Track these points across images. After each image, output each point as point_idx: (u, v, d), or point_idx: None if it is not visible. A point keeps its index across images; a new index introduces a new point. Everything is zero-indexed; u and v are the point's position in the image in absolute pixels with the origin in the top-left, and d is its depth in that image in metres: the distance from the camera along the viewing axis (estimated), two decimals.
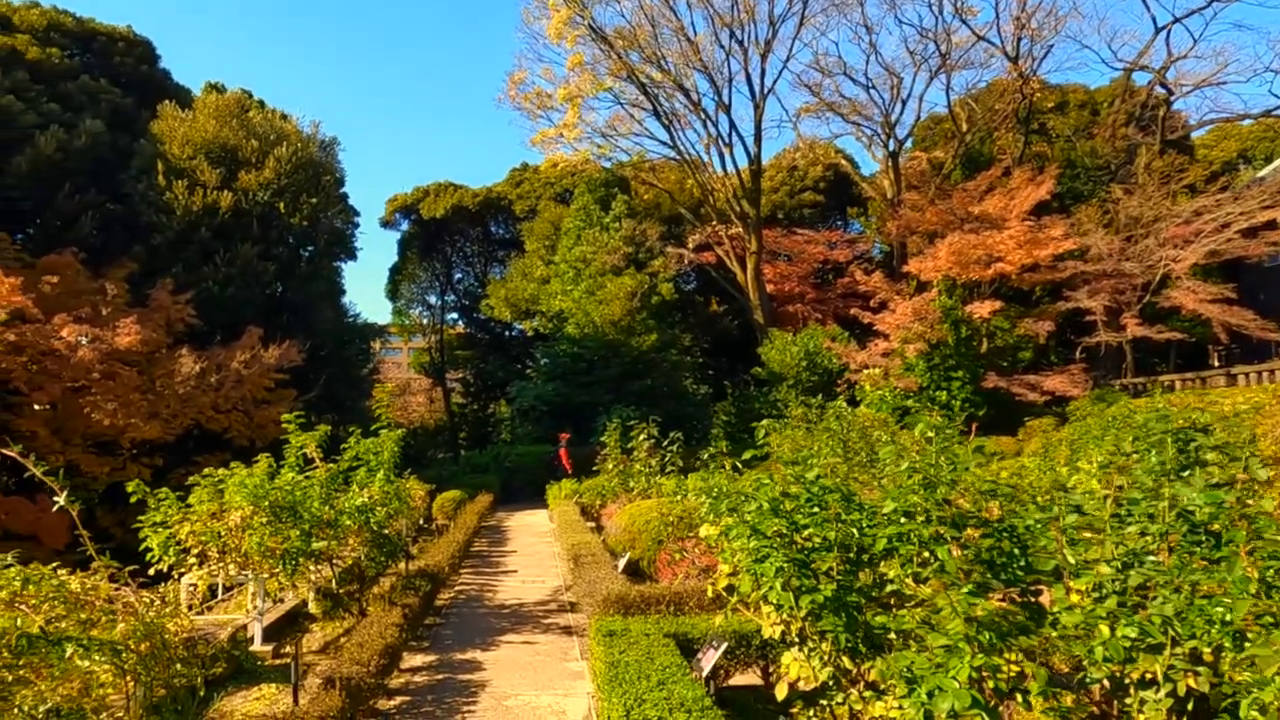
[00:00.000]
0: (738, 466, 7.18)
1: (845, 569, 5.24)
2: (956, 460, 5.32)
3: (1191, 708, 4.44)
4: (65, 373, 20.06)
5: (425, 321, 54.80)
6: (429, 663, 9.25)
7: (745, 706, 6.83)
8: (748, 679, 7.53)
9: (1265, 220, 28.96)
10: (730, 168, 39.55)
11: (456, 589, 13.69)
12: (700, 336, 43.58)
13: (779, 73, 59.03)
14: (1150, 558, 4.29)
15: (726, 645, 6.62)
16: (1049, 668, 4.39)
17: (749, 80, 38.10)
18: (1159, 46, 36.21)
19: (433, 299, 54.17)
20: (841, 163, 46.11)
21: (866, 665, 5.10)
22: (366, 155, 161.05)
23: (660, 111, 38.44)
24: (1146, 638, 3.86)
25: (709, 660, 6.42)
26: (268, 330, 25.39)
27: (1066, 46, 43.88)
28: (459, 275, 54.66)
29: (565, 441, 26.80)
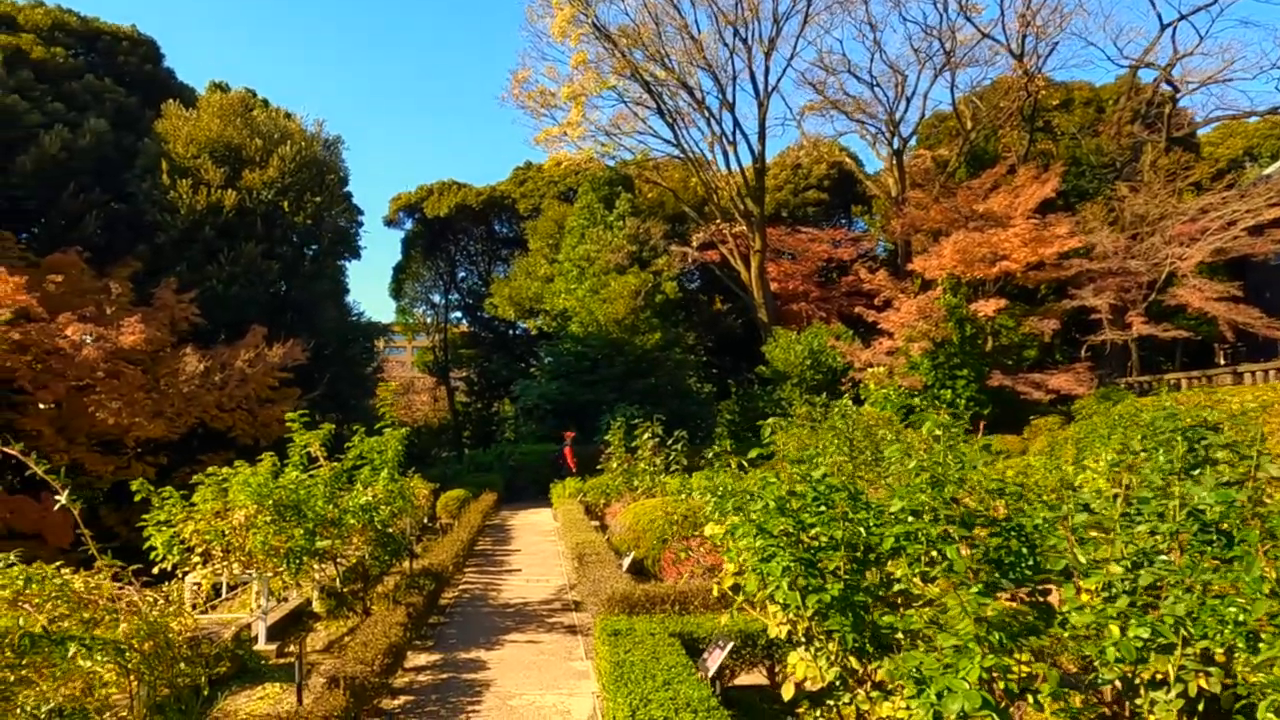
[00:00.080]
0: (743, 465, 7.14)
1: (852, 568, 5.20)
2: (964, 459, 5.28)
3: (1202, 708, 4.40)
4: (70, 371, 20.08)
5: (429, 320, 54.82)
6: (433, 662, 9.23)
7: (751, 706, 6.79)
8: (753, 678, 7.49)
9: (1271, 218, 28.83)
10: (734, 166, 39.55)
11: (461, 588, 13.67)
12: (704, 335, 43.55)
13: (783, 71, 59.12)
14: (1161, 557, 4.25)
15: (732, 645, 6.58)
16: (1057, 668, 4.34)
17: (753, 78, 38.11)
18: (1165, 43, 36.13)
19: (437, 298, 54.23)
20: (846, 161, 46.01)
21: (874, 665, 5.06)
22: (370, 154, 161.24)
23: (664, 110, 38.41)
24: (1158, 638, 3.81)
25: (715, 660, 6.38)
26: (272, 329, 25.39)
27: (1072, 44, 43.87)
28: (463, 274, 54.68)
29: (570, 440, 26.77)
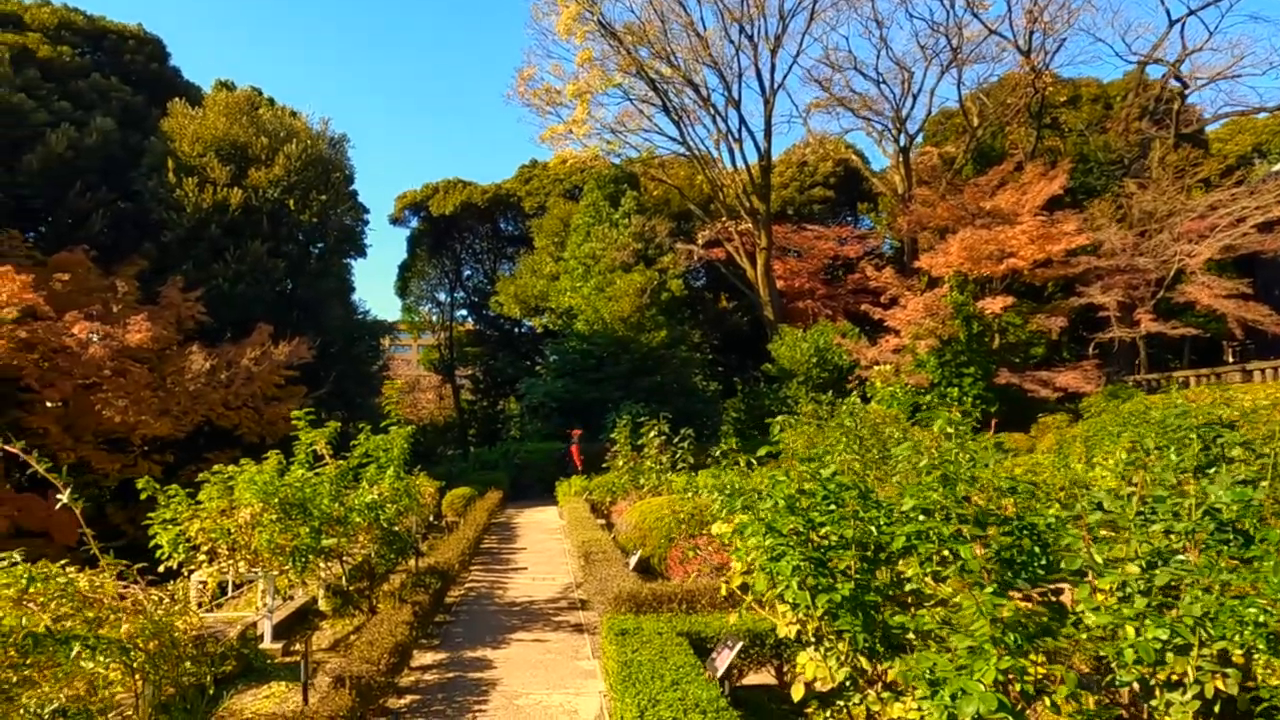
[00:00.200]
0: (751, 463, 7.09)
1: (862, 567, 5.14)
2: (976, 457, 5.22)
3: (1219, 710, 4.34)
4: (76, 370, 20.12)
5: (435, 318, 54.87)
6: (439, 661, 9.19)
7: (760, 706, 6.73)
8: (762, 678, 7.44)
9: None
10: (740, 163, 39.40)
11: (466, 586, 13.64)
12: (710, 333, 43.46)
13: (789, 68, 58.68)
14: (1178, 557, 4.18)
15: (741, 645, 6.52)
16: (1071, 669, 4.28)
17: (759, 75, 37.97)
18: (1173, 39, 35.93)
19: (442, 296, 54.27)
20: (851, 158, 45.88)
21: (885, 666, 5.00)
22: (376, 152, 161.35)
23: (669, 107, 38.30)
24: (1175, 638, 3.75)
25: (724, 660, 6.32)
26: (278, 327, 25.42)
27: (1079, 40, 43.74)
28: (468, 272, 54.69)
29: (577, 438, 26.75)
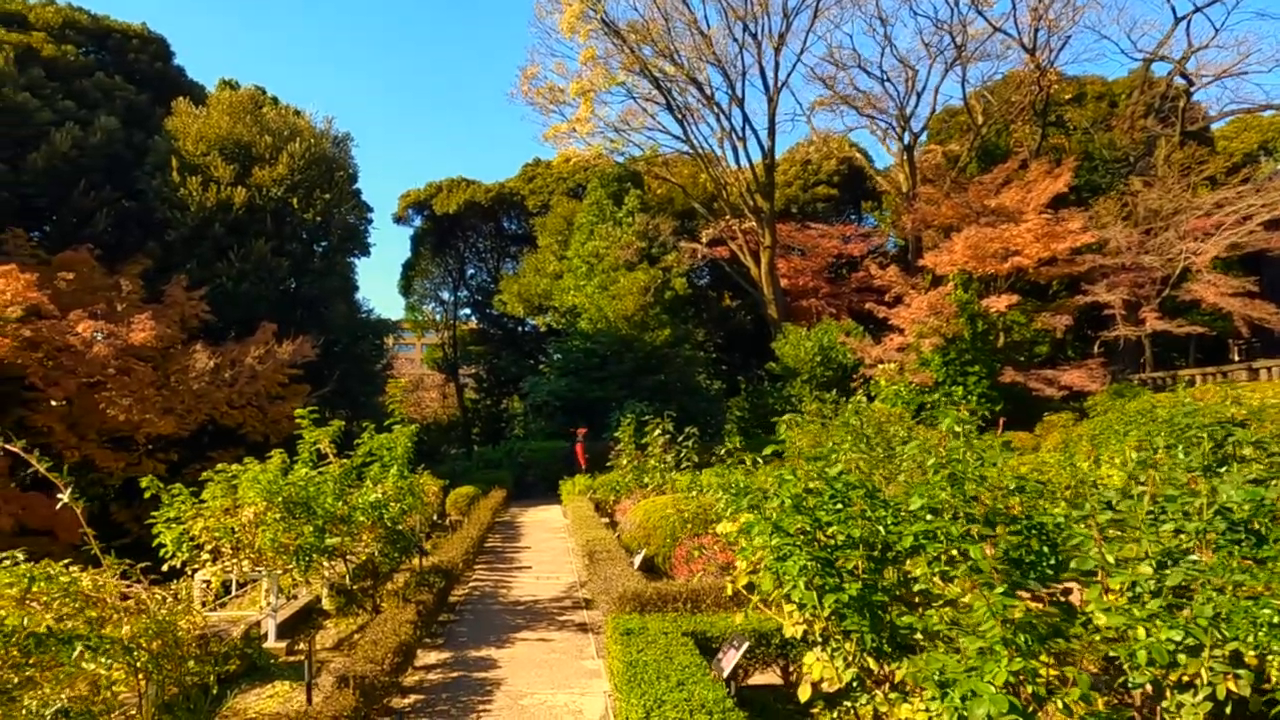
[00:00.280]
0: (757, 462, 7.04)
1: (870, 567, 5.10)
2: (984, 456, 5.17)
3: (1230, 711, 4.29)
4: (80, 368, 20.13)
5: (438, 317, 54.86)
6: (443, 660, 9.17)
7: (765, 706, 6.69)
8: (767, 678, 7.40)
9: None
10: (744, 162, 39.36)
11: (471, 585, 13.62)
12: (713, 331, 43.39)
13: (792, 66, 58.46)
14: (1191, 557, 4.13)
15: (747, 645, 6.48)
16: (1082, 670, 4.23)
17: (762, 74, 37.92)
18: (1179, 36, 35.81)
19: (446, 295, 54.25)
20: (855, 156, 45.78)
21: (892, 666, 4.96)
22: (379, 151, 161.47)
23: (673, 105, 38.25)
24: (1188, 639, 3.70)
25: (730, 660, 6.28)
26: (281, 326, 25.41)
27: (1084, 37, 43.51)
28: (472, 271, 54.67)
29: (582, 437, 26.74)
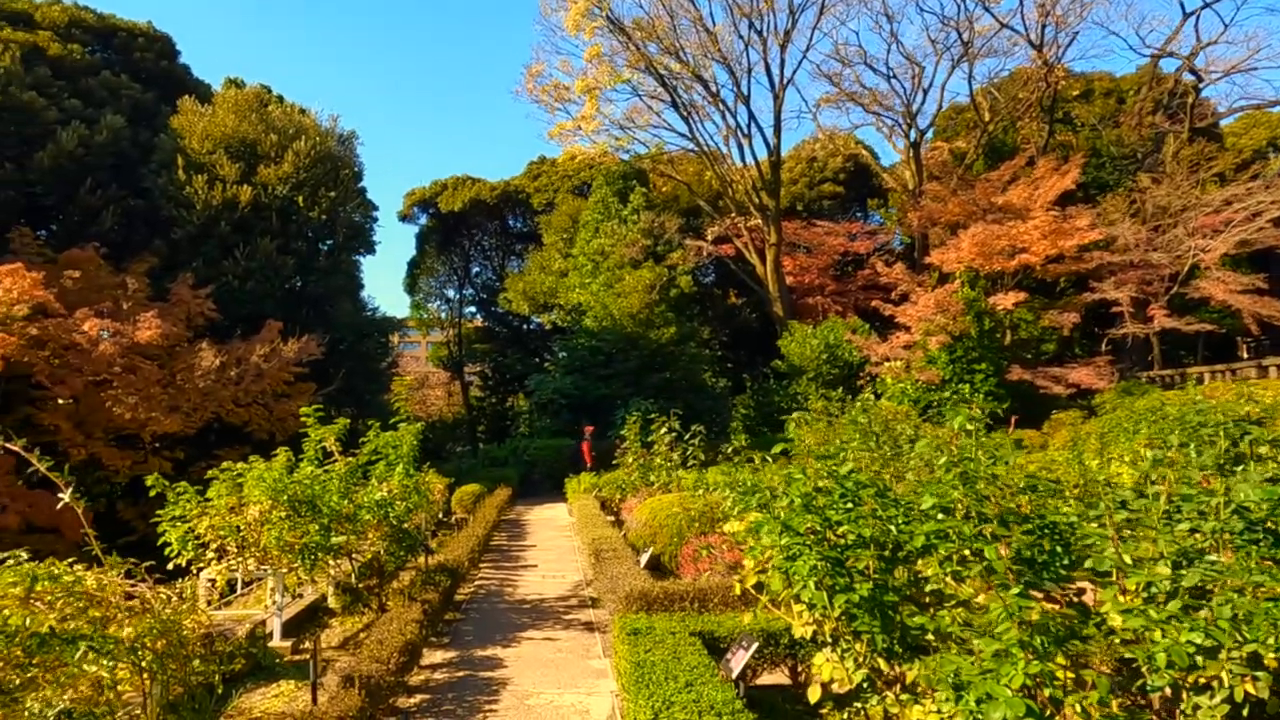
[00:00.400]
0: (766, 460, 6.98)
1: (880, 567, 5.04)
2: (996, 455, 5.10)
3: (1247, 714, 4.23)
4: (87, 366, 20.17)
5: (443, 315, 54.86)
6: (449, 659, 9.13)
7: (774, 707, 6.64)
8: (776, 678, 7.35)
9: None
10: (749, 159, 39.27)
11: (476, 583, 13.58)
12: (719, 329, 43.32)
13: (798, 63, 58.78)
14: (1210, 557, 4.05)
15: (756, 645, 6.43)
16: (1101, 673, 4.17)
17: (768, 71, 37.80)
18: (1188, 32, 35.64)
19: (451, 293, 54.31)
20: (862, 153, 45.65)
21: (903, 667, 4.90)
22: (385, 150, 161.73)
23: (678, 103, 38.15)
24: (1208, 641, 3.62)
25: (739, 661, 6.23)
26: (287, 324, 25.43)
27: (1092, 33, 43.05)
28: (477, 269, 54.69)
29: (589, 434, 26.73)
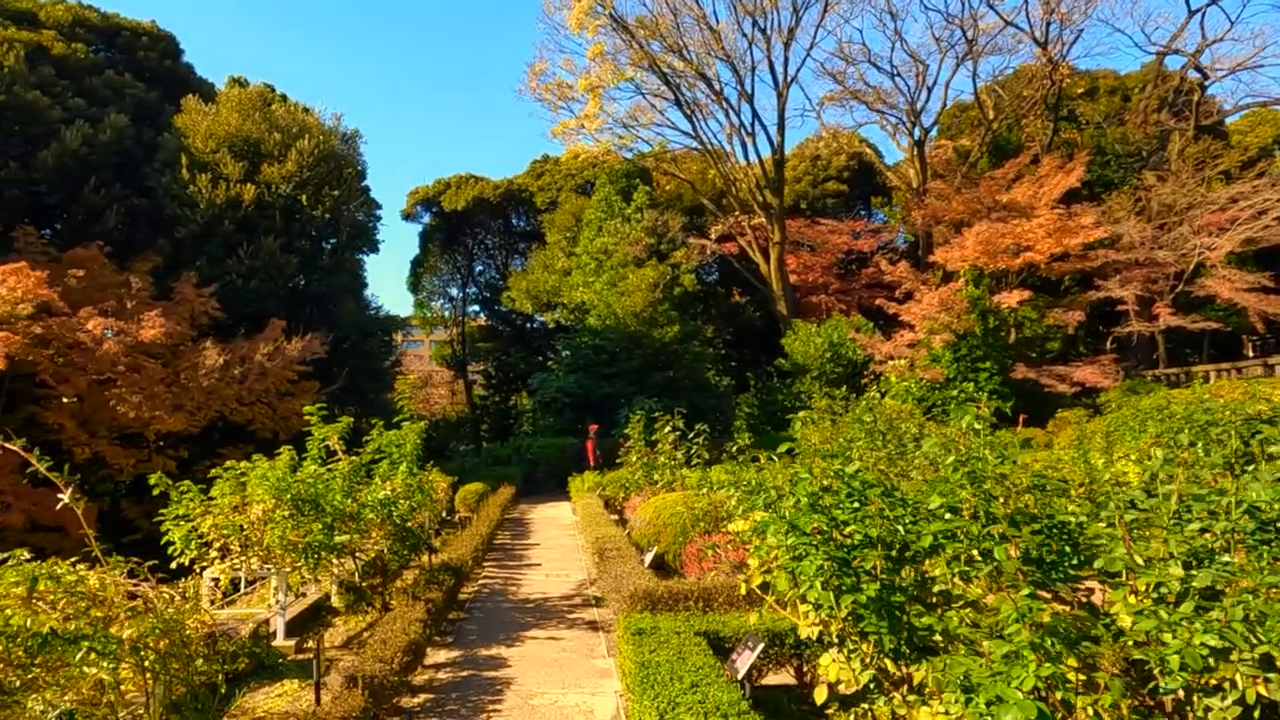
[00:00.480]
0: (772, 459, 6.93)
1: (888, 567, 5.00)
2: (1005, 454, 5.05)
3: (1259, 715, 4.18)
4: (91, 365, 20.18)
5: (447, 314, 54.88)
6: (453, 659, 9.10)
7: (779, 707, 6.59)
8: (781, 678, 7.31)
9: None
10: (753, 157, 39.22)
11: (480, 582, 13.56)
12: (723, 328, 43.27)
13: (802, 61, 58.57)
14: (1223, 558, 4.00)
15: (762, 646, 6.39)
16: (1114, 676, 4.12)
17: (772, 69, 37.74)
18: (1193, 29, 35.46)
19: (454, 291, 54.31)
20: (865, 152, 45.55)
21: (911, 668, 4.86)
22: (388, 148, 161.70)
23: (682, 101, 38.10)
24: (1223, 642, 3.57)
25: (745, 662, 6.18)
26: (290, 323, 25.44)
27: (1097, 31, 43.19)
28: (480, 267, 54.67)
29: (594, 433, 26.71)
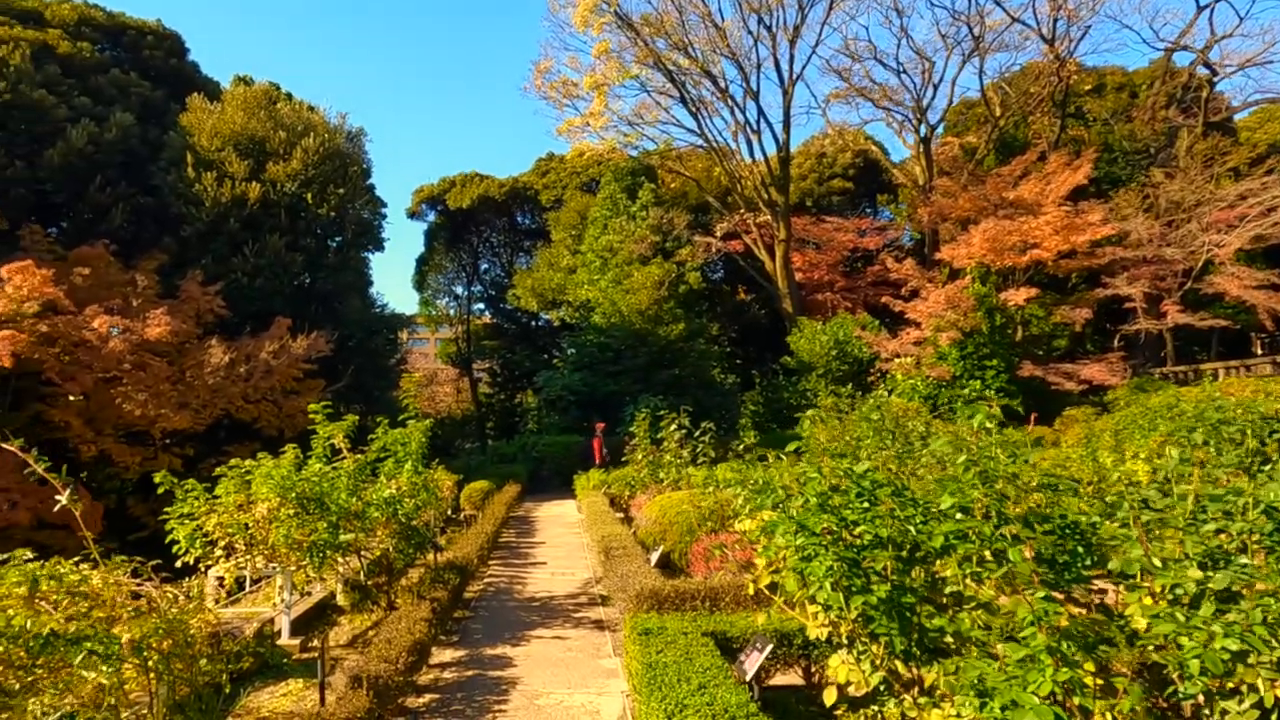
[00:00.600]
0: (780, 457, 6.86)
1: (898, 568, 4.93)
2: (1017, 453, 4.99)
3: (1276, 718, 4.13)
4: (97, 363, 20.20)
5: (452, 312, 54.91)
6: (458, 658, 9.06)
7: (787, 709, 6.53)
8: (789, 679, 7.25)
9: None
10: (758, 155, 39.07)
11: (485, 581, 13.52)
12: (728, 326, 43.17)
13: (807, 58, 58.02)
14: (1241, 559, 3.93)
15: (771, 647, 6.33)
16: (1132, 679, 4.06)
17: (777, 66, 37.58)
18: (1202, 25, 35.34)
19: (459, 289, 54.33)
20: (871, 149, 45.39)
21: (922, 670, 4.79)
22: (393, 146, 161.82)
23: (687, 99, 38.00)
24: (1242, 645, 3.50)
25: (753, 663, 6.12)
26: (296, 321, 25.44)
27: (1104, 27, 43.05)
28: (485, 265, 54.67)
29: (601, 431, 26.69)
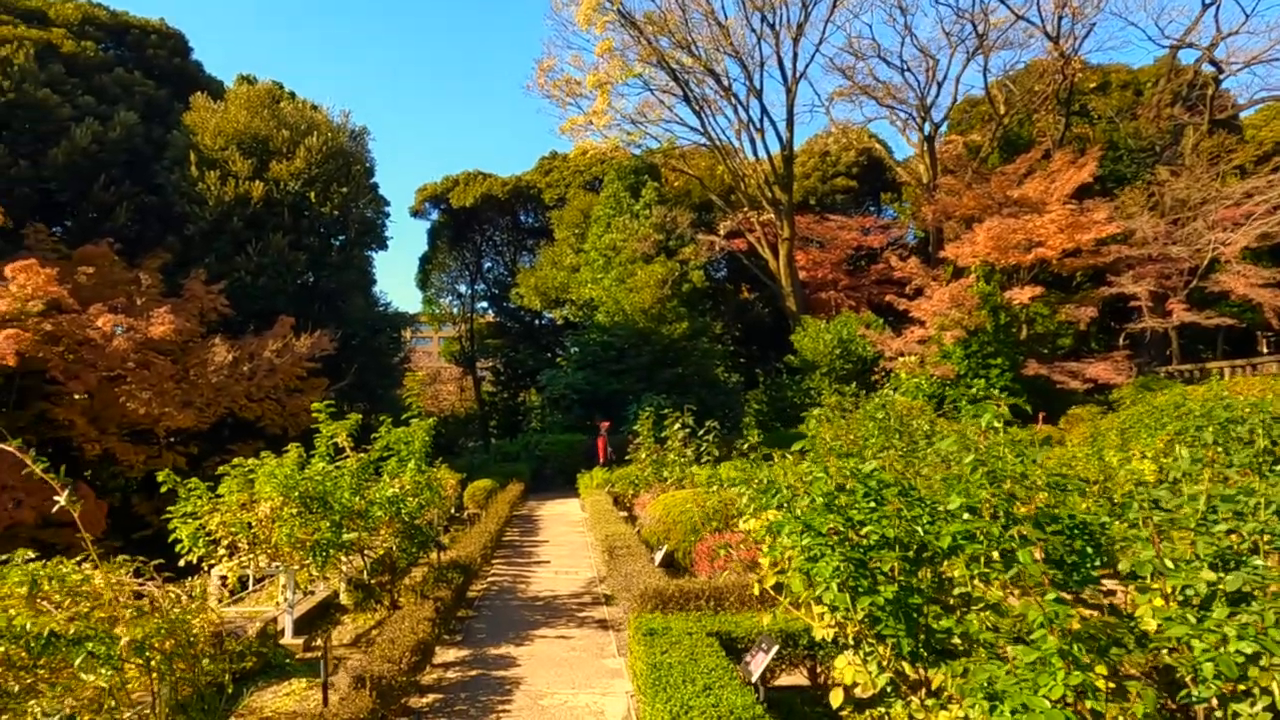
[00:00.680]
0: (785, 456, 6.80)
1: (905, 568, 4.89)
2: (1025, 453, 4.93)
3: None
4: (101, 362, 20.21)
5: (455, 310, 54.85)
6: (462, 658, 9.04)
7: (792, 709, 6.50)
8: (794, 679, 7.21)
9: None
10: (762, 153, 39.02)
11: (489, 580, 13.50)
12: (731, 324, 43.11)
13: (811, 56, 58.27)
14: (1254, 560, 3.88)
15: (776, 648, 6.29)
16: (1145, 683, 4.01)
17: (780, 64, 37.48)
18: (1207, 22, 35.35)
19: (463, 288, 54.29)
20: (875, 147, 45.28)
21: (929, 671, 4.75)
22: (396, 145, 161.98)
23: (690, 97, 37.92)
24: (1256, 647, 3.45)
25: (759, 664, 6.08)
26: (299, 319, 25.45)
27: (1109, 24, 42.84)
28: (489, 264, 54.62)
29: (605, 430, 26.66)
